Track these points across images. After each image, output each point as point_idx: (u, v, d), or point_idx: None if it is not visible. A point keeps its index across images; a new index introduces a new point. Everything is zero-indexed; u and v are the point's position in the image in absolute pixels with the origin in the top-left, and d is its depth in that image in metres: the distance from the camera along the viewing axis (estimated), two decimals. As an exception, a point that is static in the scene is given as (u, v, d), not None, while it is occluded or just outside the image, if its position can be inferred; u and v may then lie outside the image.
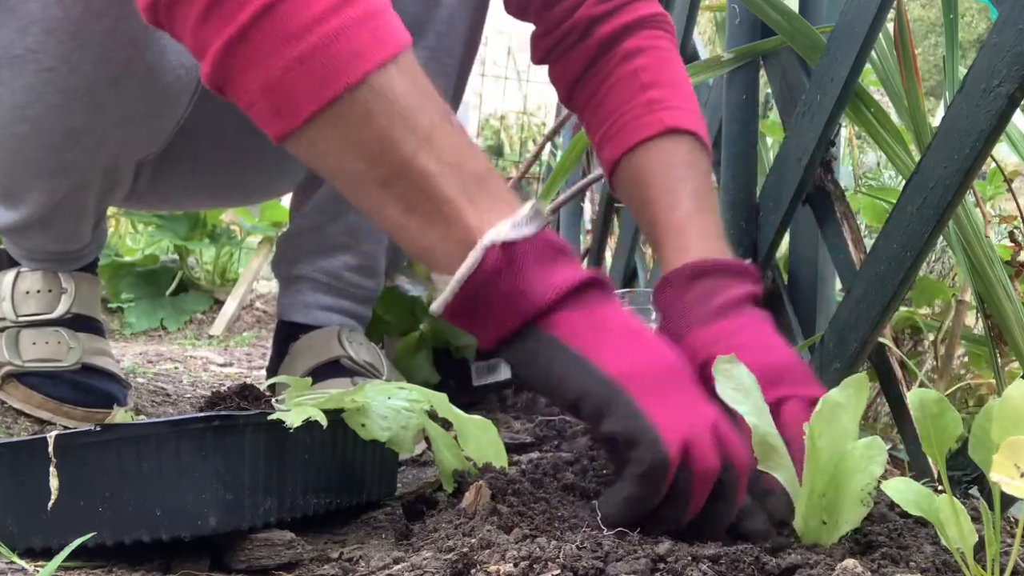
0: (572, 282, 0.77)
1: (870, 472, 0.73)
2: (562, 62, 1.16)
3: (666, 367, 0.78)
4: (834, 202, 1.24)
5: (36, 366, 1.27)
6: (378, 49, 0.77)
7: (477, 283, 0.76)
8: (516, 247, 0.76)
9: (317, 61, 0.76)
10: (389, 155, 0.77)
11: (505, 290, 0.76)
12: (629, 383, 0.75)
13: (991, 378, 1.38)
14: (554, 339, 0.76)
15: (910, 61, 1.16)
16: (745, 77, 1.39)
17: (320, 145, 0.79)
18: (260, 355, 2.47)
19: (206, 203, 1.95)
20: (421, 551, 0.76)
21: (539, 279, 0.76)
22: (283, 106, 0.77)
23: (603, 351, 0.76)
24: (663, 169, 1.05)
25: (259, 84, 0.77)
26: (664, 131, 1.06)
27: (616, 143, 1.09)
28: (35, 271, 1.30)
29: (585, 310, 0.77)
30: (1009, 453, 0.58)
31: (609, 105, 1.11)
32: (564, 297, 0.76)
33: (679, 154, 1.06)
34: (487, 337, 0.79)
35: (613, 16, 1.12)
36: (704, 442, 0.74)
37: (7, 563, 0.76)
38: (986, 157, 0.94)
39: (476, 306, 0.77)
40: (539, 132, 5.72)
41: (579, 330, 0.77)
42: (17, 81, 1.08)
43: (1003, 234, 1.64)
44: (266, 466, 0.77)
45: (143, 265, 3.05)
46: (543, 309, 0.76)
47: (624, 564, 0.66)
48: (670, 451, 0.72)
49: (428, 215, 0.78)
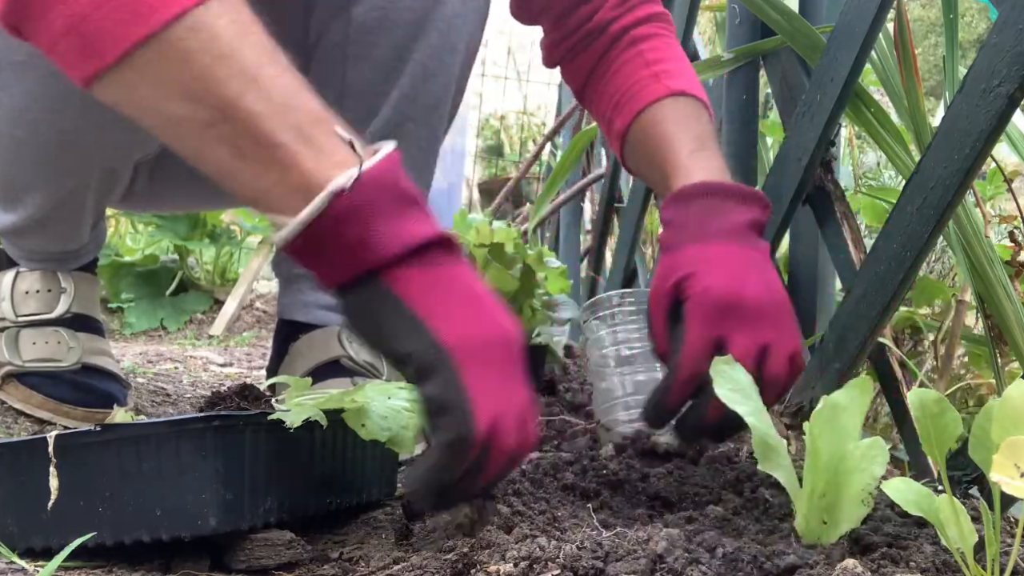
0: (420, 238, 0.74)
1: (871, 472, 0.73)
2: (576, 61, 1.19)
3: (500, 339, 0.76)
4: (834, 202, 1.24)
5: (36, 366, 1.27)
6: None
7: (320, 230, 0.73)
8: (366, 194, 0.72)
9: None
10: (212, 96, 0.73)
11: (349, 239, 0.73)
12: (457, 351, 0.73)
13: (991, 378, 1.38)
14: (391, 294, 0.74)
15: (910, 61, 1.16)
16: (745, 77, 1.40)
17: (135, 88, 0.75)
18: (260, 355, 2.46)
19: (203, 204, 1.95)
20: (421, 551, 0.76)
21: (386, 230, 0.73)
22: (91, 45, 0.73)
23: (439, 314, 0.74)
24: (672, 119, 1.09)
25: (62, 22, 0.73)
26: (669, 94, 1.10)
27: (625, 112, 1.12)
28: (34, 271, 1.30)
29: (429, 268, 0.75)
30: (1009, 453, 0.58)
31: (616, 82, 1.15)
32: (410, 253, 0.74)
33: (686, 109, 1.10)
34: (326, 280, 0.77)
35: (624, 15, 1.17)
36: (512, 422, 0.74)
37: (7, 563, 0.76)
38: (986, 157, 0.94)
39: (318, 250, 0.74)
40: (539, 132, 5.72)
41: (419, 288, 0.74)
42: (18, 86, 1.09)
43: (1003, 234, 1.64)
44: (266, 466, 0.77)
45: (143, 265, 3.05)
46: (386, 262, 0.73)
47: (624, 564, 0.66)
48: (479, 426, 0.72)
49: (260, 160, 0.74)
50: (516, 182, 3.02)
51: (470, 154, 6.06)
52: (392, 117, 1.19)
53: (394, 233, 0.73)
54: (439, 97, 1.21)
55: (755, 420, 0.76)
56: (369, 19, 1.15)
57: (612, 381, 1.19)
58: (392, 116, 1.19)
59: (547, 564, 0.67)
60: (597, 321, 1.22)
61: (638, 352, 1.18)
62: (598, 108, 1.19)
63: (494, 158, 6.41)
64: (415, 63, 1.17)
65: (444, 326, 0.74)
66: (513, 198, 4.05)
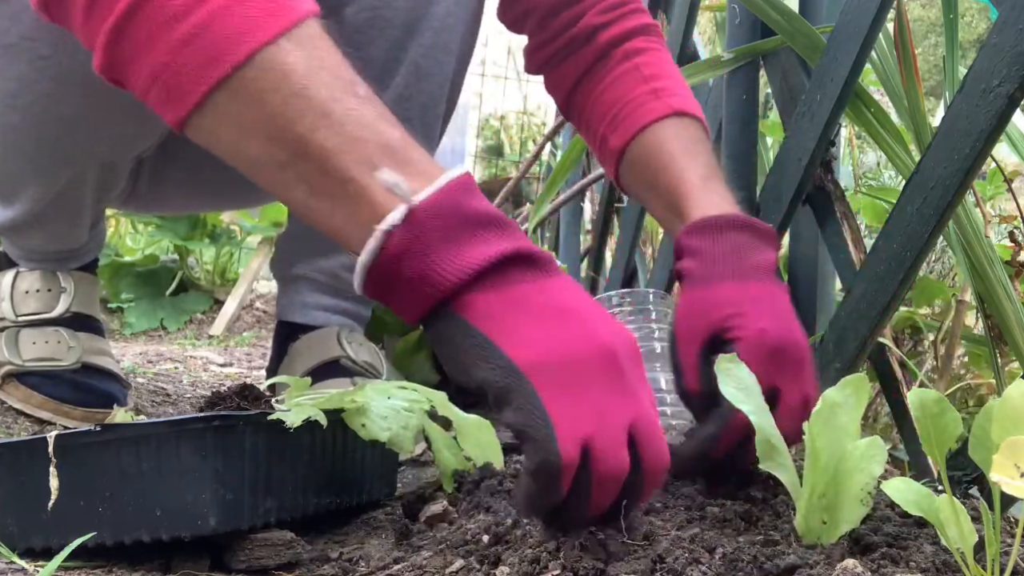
0: (486, 259, 0.70)
1: (870, 472, 0.73)
2: (561, 68, 1.18)
3: (588, 354, 0.71)
4: (834, 202, 1.25)
5: (36, 365, 1.27)
6: (268, 23, 0.73)
7: (382, 268, 0.71)
8: (420, 225, 0.70)
9: (201, 41, 0.72)
10: (286, 135, 0.73)
11: (411, 274, 0.70)
12: (534, 373, 0.69)
13: (991, 378, 1.38)
14: (464, 321, 0.71)
15: (910, 61, 1.16)
16: (745, 77, 1.39)
17: (217, 132, 0.75)
18: (260, 355, 2.47)
19: (206, 206, 1.95)
20: (421, 551, 0.76)
21: (449, 258, 0.70)
22: (173, 92, 0.73)
23: (513, 336, 0.70)
24: (678, 142, 1.07)
25: (147, 71, 0.73)
26: (672, 113, 1.09)
27: (624, 128, 1.10)
28: (34, 271, 1.30)
29: (503, 288, 0.71)
30: (1009, 453, 0.58)
31: (611, 97, 1.13)
32: (477, 276, 0.70)
33: (690, 132, 1.09)
34: (406, 317, 0.74)
35: (614, 24, 1.15)
36: (609, 442, 0.69)
37: (7, 563, 0.76)
38: (986, 157, 0.94)
39: (388, 288, 0.72)
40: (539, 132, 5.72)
41: (491, 311, 0.70)
42: (11, 70, 1.08)
43: (1003, 234, 1.64)
44: (266, 466, 0.77)
45: (143, 265, 3.05)
46: (452, 290, 0.70)
47: (625, 564, 0.66)
48: (565, 451, 0.67)
49: (333, 196, 0.73)
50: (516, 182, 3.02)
51: (470, 154, 6.06)
52: None
53: (456, 260, 0.70)
54: (434, 97, 1.21)
55: (758, 419, 0.76)
56: (361, 19, 1.15)
57: (612, 381, 1.18)
58: None
59: (547, 564, 0.67)
60: (597, 321, 1.22)
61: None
62: (589, 123, 1.16)
63: (494, 158, 6.41)
64: (409, 63, 1.17)
65: (519, 348, 0.69)
66: (513, 198, 4.05)
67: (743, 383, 0.78)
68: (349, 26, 1.15)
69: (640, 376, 0.73)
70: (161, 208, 1.88)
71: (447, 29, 1.19)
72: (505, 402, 0.69)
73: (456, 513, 0.86)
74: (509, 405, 0.69)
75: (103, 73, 0.77)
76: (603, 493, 0.69)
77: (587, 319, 0.73)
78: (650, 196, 1.11)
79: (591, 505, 0.69)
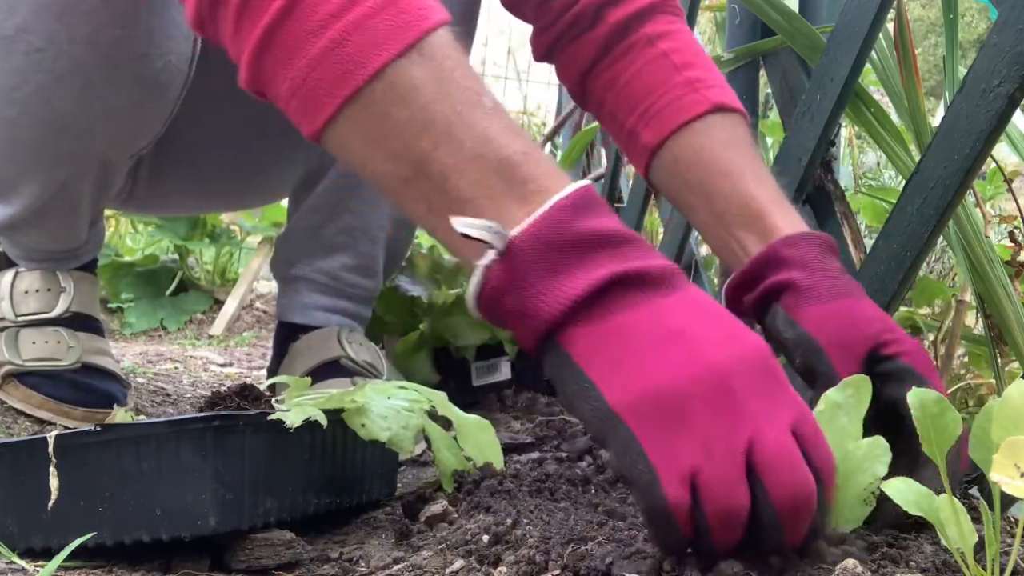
0: (587, 288, 0.67)
1: (873, 472, 0.73)
2: (569, 52, 1.12)
3: (691, 381, 0.65)
4: (834, 202, 1.25)
5: (36, 365, 1.27)
6: (396, 38, 0.73)
7: (487, 302, 0.69)
8: (519, 257, 0.67)
9: (337, 56, 0.72)
10: (408, 152, 0.72)
11: (512, 309, 0.68)
12: (631, 414, 0.65)
13: (991, 378, 1.38)
14: (567, 356, 0.68)
15: (910, 61, 1.16)
16: (745, 77, 1.40)
17: (348, 145, 0.75)
18: (260, 355, 2.47)
19: (206, 207, 1.95)
20: (421, 551, 0.76)
21: (548, 290, 0.67)
22: (310, 104, 0.74)
23: (613, 374, 0.66)
24: (733, 143, 1.01)
25: (287, 85, 0.75)
26: (713, 109, 1.02)
27: (659, 123, 1.03)
28: (34, 271, 1.30)
29: (607, 318, 0.67)
30: (1009, 453, 0.58)
31: (640, 88, 1.06)
32: (577, 307, 0.67)
33: (739, 131, 1.03)
34: (523, 346, 0.72)
35: (624, 1, 1.08)
36: (719, 477, 0.63)
37: (7, 563, 0.76)
38: (986, 157, 0.94)
39: (500, 320, 0.71)
40: (539, 132, 5.71)
41: (593, 347, 0.67)
42: (7, 63, 1.08)
43: (1003, 234, 1.64)
44: (266, 466, 0.77)
45: (143, 265, 3.05)
46: (552, 325, 0.67)
47: (629, 564, 0.66)
48: (668, 494, 0.63)
49: (452, 215, 0.71)
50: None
51: (470, 154, 6.04)
52: None
53: (554, 292, 0.67)
54: None
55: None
56: None
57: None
58: None
59: (548, 565, 0.67)
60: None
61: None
62: (614, 113, 1.10)
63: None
64: None
65: (616, 388, 0.66)
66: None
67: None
68: None
69: (768, 390, 0.67)
70: (161, 209, 1.88)
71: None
72: (604, 444, 0.67)
73: (456, 513, 0.86)
74: (608, 447, 0.67)
75: (249, 87, 0.78)
76: (723, 530, 0.64)
77: (698, 341, 0.67)
78: (696, 200, 1.03)
79: (718, 543, 0.64)
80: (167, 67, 1.11)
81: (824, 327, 0.89)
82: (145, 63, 1.10)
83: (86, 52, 1.07)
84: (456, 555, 0.72)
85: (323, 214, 1.32)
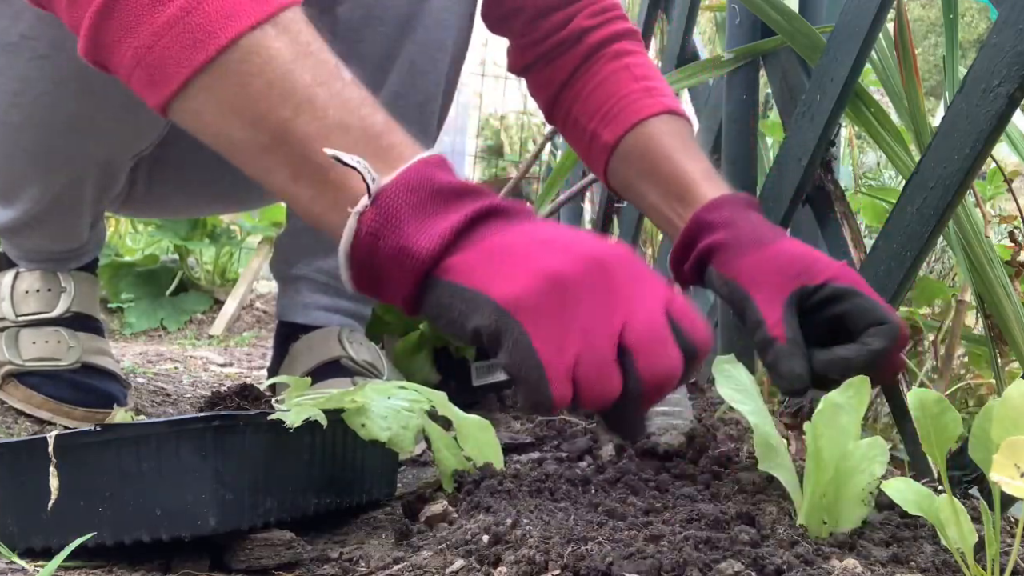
0: (460, 220, 0.72)
1: (871, 472, 0.74)
2: (548, 70, 1.20)
3: (573, 271, 0.72)
4: (834, 202, 1.25)
5: (36, 365, 1.27)
6: (253, 8, 0.73)
7: (362, 250, 0.72)
8: (392, 202, 0.71)
9: (186, 24, 0.72)
10: (268, 120, 0.73)
11: (389, 251, 0.72)
12: (520, 309, 0.70)
13: (991, 378, 1.38)
14: (449, 283, 0.72)
15: (910, 61, 1.16)
16: (745, 77, 1.40)
17: (201, 114, 0.76)
18: (260, 355, 2.47)
19: (204, 209, 1.95)
20: (421, 551, 0.76)
21: (423, 229, 0.72)
22: (157, 74, 0.74)
23: (496, 280, 0.71)
24: (678, 138, 1.11)
25: (131, 54, 0.74)
26: (666, 111, 1.13)
27: (618, 123, 1.13)
28: (34, 271, 1.30)
29: (479, 245, 0.72)
30: (1009, 453, 0.58)
31: (602, 94, 1.15)
32: (453, 239, 0.72)
33: (686, 131, 1.14)
34: (396, 301, 0.76)
35: (603, 27, 1.18)
36: (596, 369, 0.71)
37: (7, 563, 0.76)
38: (986, 157, 0.94)
39: (372, 272, 0.74)
40: (539, 132, 5.71)
41: (473, 265, 0.72)
42: (12, 69, 1.08)
43: (1003, 234, 1.64)
44: (266, 466, 0.77)
45: (143, 265, 3.05)
46: (432, 259, 0.72)
47: (630, 563, 0.66)
48: (554, 392, 0.70)
49: (316, 182, 0.74)
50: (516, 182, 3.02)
51: (470, 154, 6.05)
52: None
53: (431, 229, 0.72)
54: (429, 94, 1.21)
55: (757, 420, 0.77)
56: (355, 17, 1.16)
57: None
58: None
59: (548, 565, 0.67)
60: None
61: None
62: (577, 120, 1.18)
63: (494, 158, 6.40)
64: (403, 60, 1.17)
65: (503, 287, 0.71)
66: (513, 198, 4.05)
67: (741, 384, 0.78)
68: (343, 24, 1.16)
69: (639, 276, 0.74)
70: (160, 212, 1.88)
71: (441, 25, 1.19)
72: (498, 344, 0.71)
73: (456, 513, 0.86)
74: (502, 347, 0.70)
75: (87, 56, 0.77)
76: (596, 407, 0.72)
77: (571, 241, 0.74)
78: (645, 185, 1.13)
79: (585, 409, 0.73)
80: None
81: (752, 276, 0.97)
82: None
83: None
84: (456, 555, 0.72)
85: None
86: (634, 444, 0.82)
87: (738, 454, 1.05)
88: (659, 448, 1.06)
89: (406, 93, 1.19)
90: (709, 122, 1.60)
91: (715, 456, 1.05)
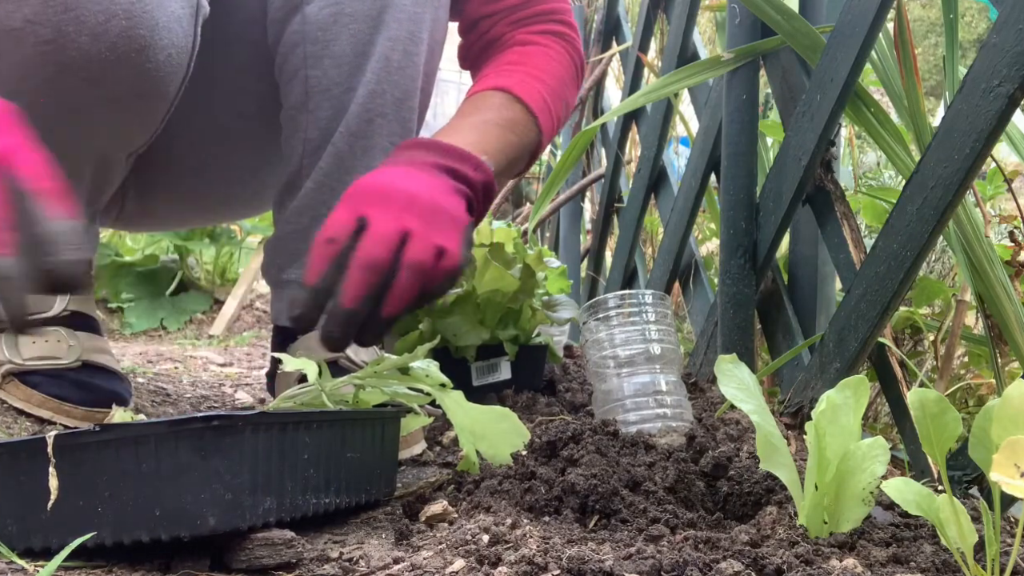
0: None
1: (872, 472, 0.74)
2: (478, 63, 1.38)
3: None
4: (834, 202, 1.25)
5: (36, 364, 1.27)
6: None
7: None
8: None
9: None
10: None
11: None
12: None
13: (991, 378, 1.38)
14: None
15: (910, 61, 1.16)
16: (745, 77, 1.39)
17: None
18: (260, 355, 2.47)
19: (195, 220, 1.94)
20: (421, 551, 0.76)
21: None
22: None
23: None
24: (482, 105, 1.25)
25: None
26: (495, 88, 1.26)
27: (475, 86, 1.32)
28: (32, 270, 1.30)
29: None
30: (1009, 453, 0.58)
31: (479, 66, 1.35)
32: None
33: (496, 100, 1.26)
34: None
35: (517, 31, 1.34)
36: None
37: (7, 563, 0.76)
38: (986, 157, 0.94)
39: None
40: (539, 132, 5.70)
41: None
42: (15, 54, 1.08)
43: (1003, 234, 1.64)
44: (266, 466, 0.77)
45: (143, 265, 3.05)
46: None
47: (630, 563, 0.66)
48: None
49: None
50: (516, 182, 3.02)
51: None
52: (360, 113, 1.20)
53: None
54: (407, 90, 1.22)
55: (759, 418, 0.76)
56: (324, 15, 1.16)
57: (612, 383, 1.19)
58: (360, 112, 1.20)
59: (547, 564, 0.67)
60: (597, 322, 1.22)
61: (639, 353, 1.18)
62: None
63: (494, 158, 6.39)
64: (378, 57, 1.18)
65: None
66: (513, 198, 4.05)
67: (743, 384, 0.78)
68: (313, 23, 1.16)
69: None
70: (152, 226, 1.89)
71: (414, 19, 1.19)
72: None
73: (456, 513, 0.86)
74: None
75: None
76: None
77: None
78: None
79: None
80: (168, 60, 1.12)
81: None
82: (148, 55, 1.10)
83: (92, 44, 1.07)
84: (456, 555, 0.72)
85: (308, 216, 1.32)
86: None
87: (738, 454, 1.05)
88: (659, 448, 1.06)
89: (383, 90, 1.19)
90: (709, 122, 1.60)
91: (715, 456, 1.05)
